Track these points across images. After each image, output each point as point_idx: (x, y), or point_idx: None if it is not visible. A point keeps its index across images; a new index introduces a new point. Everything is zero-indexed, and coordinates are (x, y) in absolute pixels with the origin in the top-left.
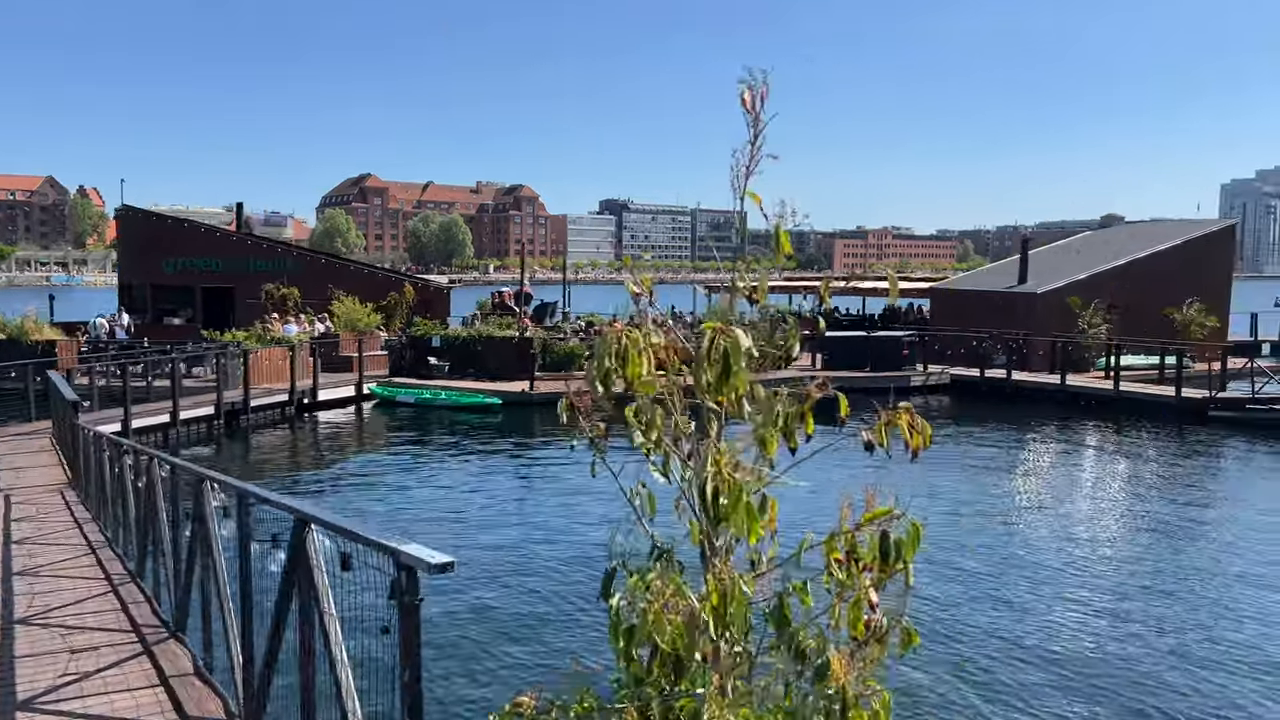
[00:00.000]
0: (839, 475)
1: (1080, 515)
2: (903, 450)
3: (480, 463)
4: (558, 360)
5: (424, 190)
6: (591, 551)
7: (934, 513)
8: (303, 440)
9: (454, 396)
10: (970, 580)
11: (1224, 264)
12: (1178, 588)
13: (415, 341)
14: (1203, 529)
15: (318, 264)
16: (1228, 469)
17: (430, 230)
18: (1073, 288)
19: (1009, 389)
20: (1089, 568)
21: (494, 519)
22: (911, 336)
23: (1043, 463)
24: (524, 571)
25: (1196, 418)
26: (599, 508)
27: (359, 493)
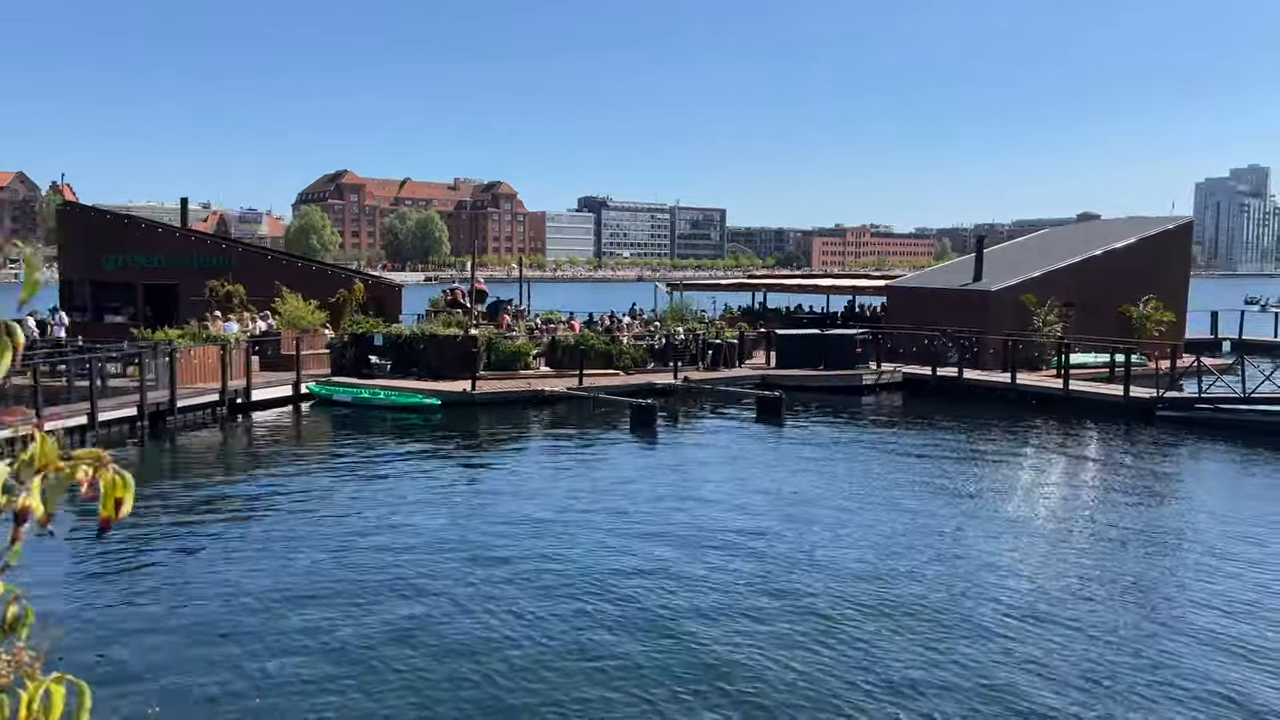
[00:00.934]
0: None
1: (1002, 515)
2: (840, 446)
3: (399, 465)
4: (503, 359)
5: (401, 187)
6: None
7: (853, 508)
8: (227, 441)
9: (392, 396)
10: (884, 578)
11: (1181, 261)
12: (1100, 591)
13: (357, 340)
14: (1130, 530)
15: (263, 260)
16: (1167, 469)
17: (407, 227)
18: (1027, 285)
19: (960, 387)
20: (1006, 568)
21: (359, 533)
22: (864, 335)
23: (979, 463)
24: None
25: (1144, 417)
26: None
27: (266, 496)
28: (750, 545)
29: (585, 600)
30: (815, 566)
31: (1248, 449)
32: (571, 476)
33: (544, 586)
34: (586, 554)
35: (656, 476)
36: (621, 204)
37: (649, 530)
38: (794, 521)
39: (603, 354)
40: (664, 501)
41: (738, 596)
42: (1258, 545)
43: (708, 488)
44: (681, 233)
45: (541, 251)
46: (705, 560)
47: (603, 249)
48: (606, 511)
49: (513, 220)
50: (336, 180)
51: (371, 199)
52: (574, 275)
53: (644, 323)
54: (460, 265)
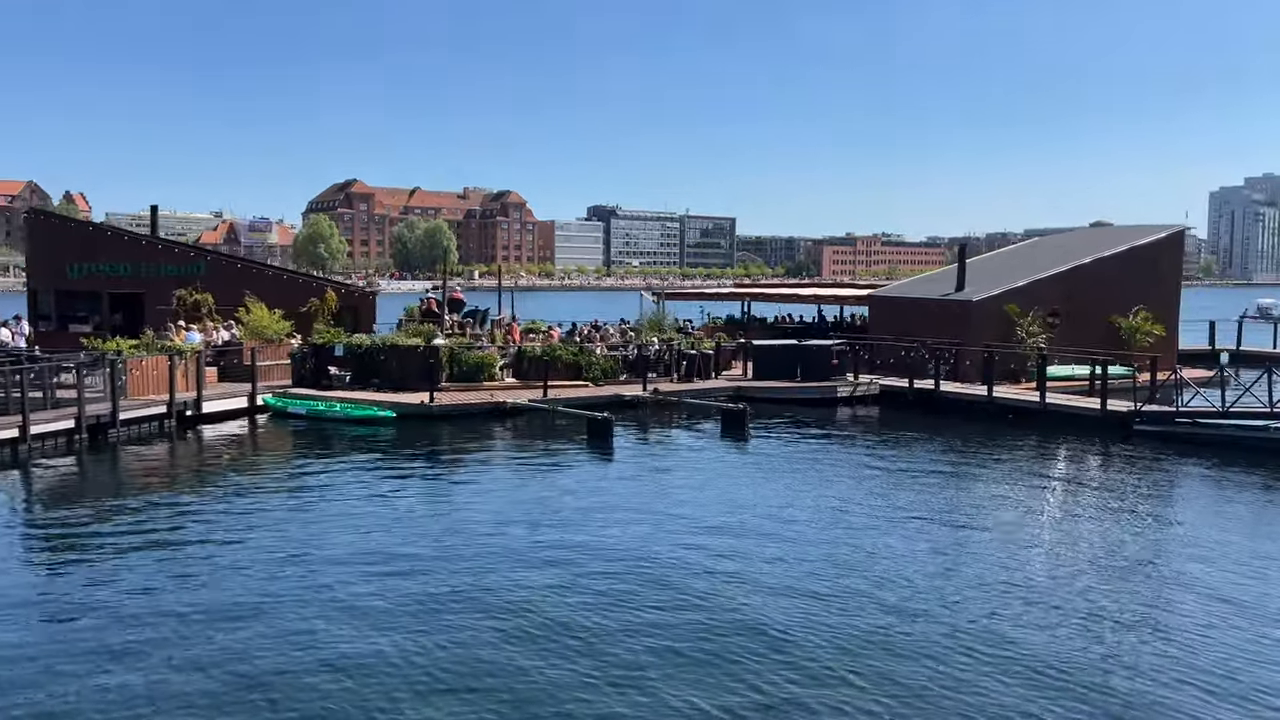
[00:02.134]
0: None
1: (950, 536)
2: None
3: (335, 480)
4: (467, 370)
5: (410, 196)
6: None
7: (798, 526)
8: (169, 455)
9: (346, 409)
10: (826, 597)
11: (1173, 270)
12: (1046, 619)
13: (318, 350)
14: (1085, 555)
15: (232, 268)
16: (1135, 488)
17: (415, 236)
18: (1010, 295)
19: (937, 400)
20: (948, 594)
21: (276, 550)
22: (841, 346)
23: (939, 480)
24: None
25: (1122, 432)
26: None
27: (194, 512)
28: (675, 562)
29: (469, 622)
30: (746, 585)
31: (1224, 466)
32: (509, 491)
33: (420, 609)
34: (483, 573)
35: (599, 492)
36: (631, 213)
37: (560, 549)
38: (729, 537)
39: (571, 365)
40: (594, 518)
41: (637, 618)
42: (1219, 571)
43: (651, 503)
44: (691, 241)
45: (551, 260)
46: (626, 584)
47: (612, 258)
48: (528, 525)
49: (522, 229)
50: (346, 189)
51: (381, 208)
52: (581, 284)
53: (621, 333)
54: (468, 274)
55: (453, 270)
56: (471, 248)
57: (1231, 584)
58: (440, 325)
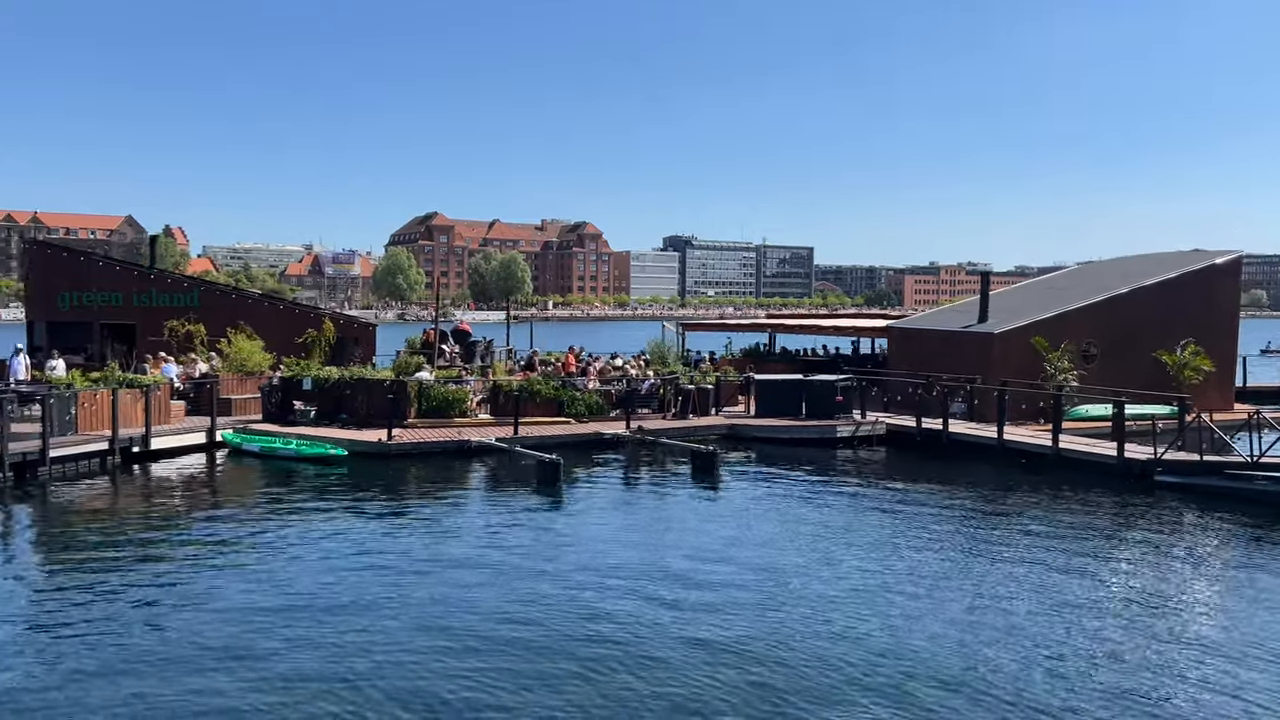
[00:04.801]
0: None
1: (902, 615)
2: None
3: (254, 526)
4: (438, 405)
5: (490, 228)
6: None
7: (729, 591)
8: (96, 497)
9: (300, 446)
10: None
11: (1229, 300)
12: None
13: (286, 383)
14: (1070, 644)
15: (227, 299)
16: (1142, 557)
17: (490, 267)
18: (1037, 327)
19: (945, 442)
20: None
21: (161, 601)
22: (846, 381)
23: (914, 543)
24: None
25: (1141, 482)
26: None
27: (95, 559)
28: (543, 627)
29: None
30: (624, 657)
31: (1251, 527)
32: (412, 539)
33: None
34: (316, 646)
35: (506, 544)
36: (707, 243)
37: (414, 605)
38: (626, 600)
39: (551, 400)
40: (480, 572)
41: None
42: (1228, 670)
43: (556, 558)
44: (768, 271)
45: (626, 291)
46: (465, 650)
47: (687, 288)
48: (396, 576)
49: (598, 260)
50: (427, 222)
51: (460, 240)
52: (654, 314)
53: (631, 366)
54: (542, 305)
55: (527, 301)
56: (548, 279)
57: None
58: (436, 358)
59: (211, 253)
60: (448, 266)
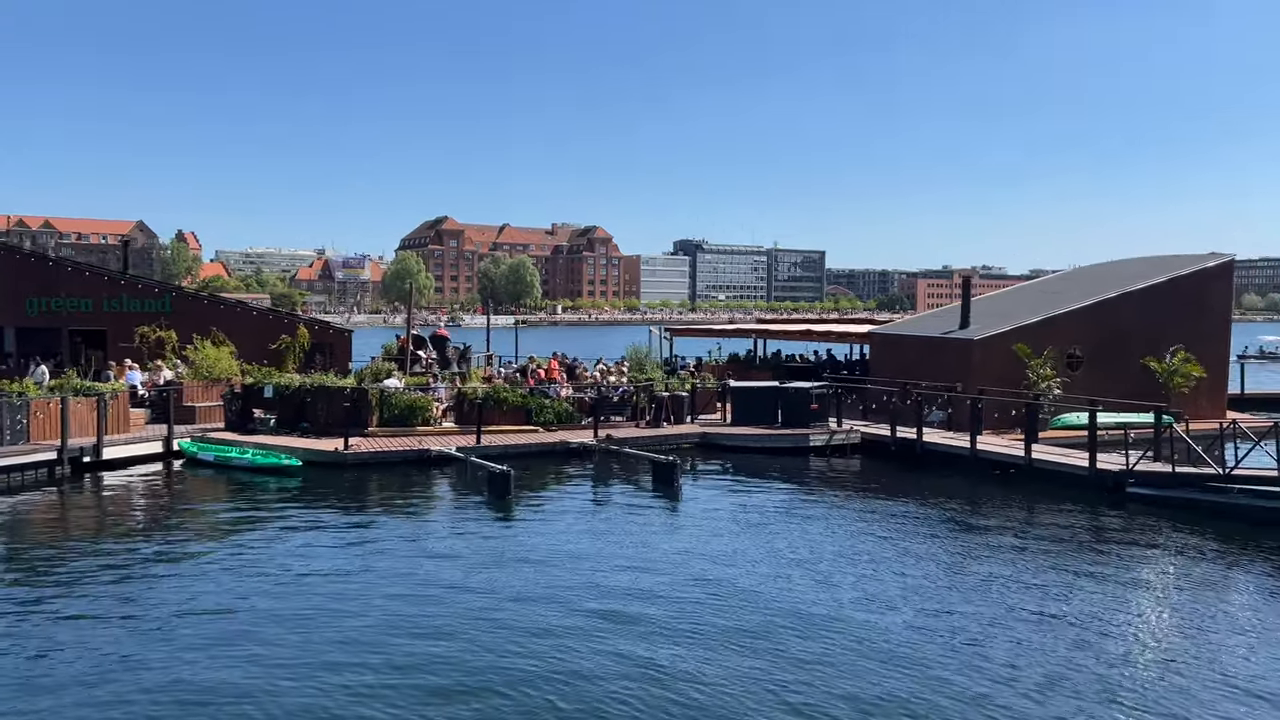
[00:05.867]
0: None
1: (844, 641)
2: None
3: (182, 540)
4: (398, 414)
5: (500, 233)
6: None
7: (664, 604)
8: (34, 509)
9: (255, 456)
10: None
11: (1222, 305)
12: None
13: (247, 391)
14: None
15: (200, 305)
16: (1104, 575)
17: (500, 272)
18: (1019, 333)
19: (919, 452)
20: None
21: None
22: (821, 389)
23: (870, 556)
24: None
25: (1114, 494)
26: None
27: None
28: (451, 641)
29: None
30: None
31: (1217, 543)
32: (355, 553)
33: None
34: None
35: (448, 558)
36: (717, 247)
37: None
38: (557, 616)
39: (519, 408)
40: (403, 582)
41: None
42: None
43: (493, 573)
44: (780, 275)
45: (636, 295)
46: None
47: (698, 292)
48: (324, 598)
49: (607, 264)
50: (437, 226)
51: (470, 244)
52: (663, 318)
53: (601, 373)
54: (551, 309)
55: (536, 305)
56: (558, 283)
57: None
58: (411, 364)
59: (224, 257)
60: (457, 271)
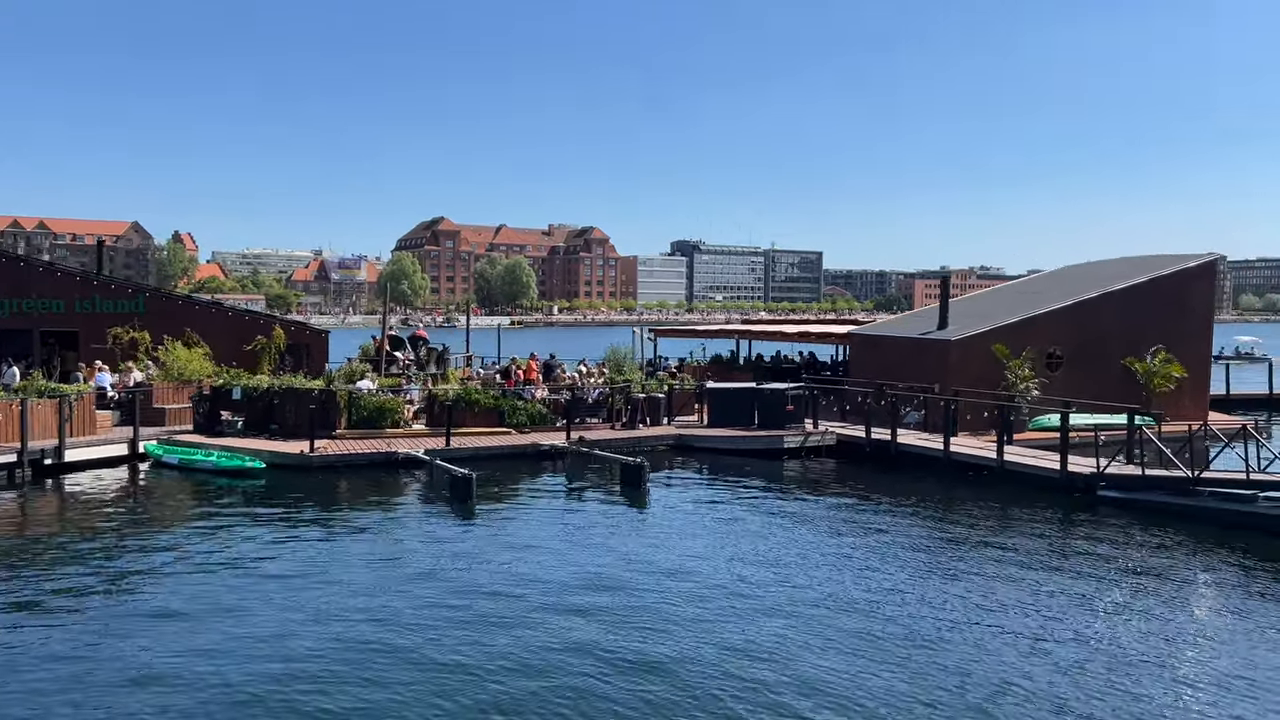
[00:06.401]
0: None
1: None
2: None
3: (134, 545)
4: (368, 416)
5: (496, 234)
6: None
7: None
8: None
9: (220, 459)
10: None
11: (1204, 305)
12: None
13: (216, 392)
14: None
15: (174, 305)
16: (1065, 585)
17: (496, 272)
18: (998, 334)
19: (894, 454)
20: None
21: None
22: (797, 390)
23: (836, 561)
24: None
25: (1085, 497)
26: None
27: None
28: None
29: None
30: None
31: (1186, 548)
32: (303, 559)
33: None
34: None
35: (395, 561)
36: (714, 248)
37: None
38: (492, 625)
39: (491, 410)
40: (347, 584)
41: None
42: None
43: (437, 577)
44: (777, 276)
45: (633, 296)
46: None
47: (695, 293)
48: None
49: (604, 265)
50: (433, 227)
51: (466, 245)
52: (660, 319)
53: (580, 374)
54: (547, 310)
55: (532, 305)
56: (555, 284)
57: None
58: (387, 365)
59: (221, 258)
60: (454, 271)
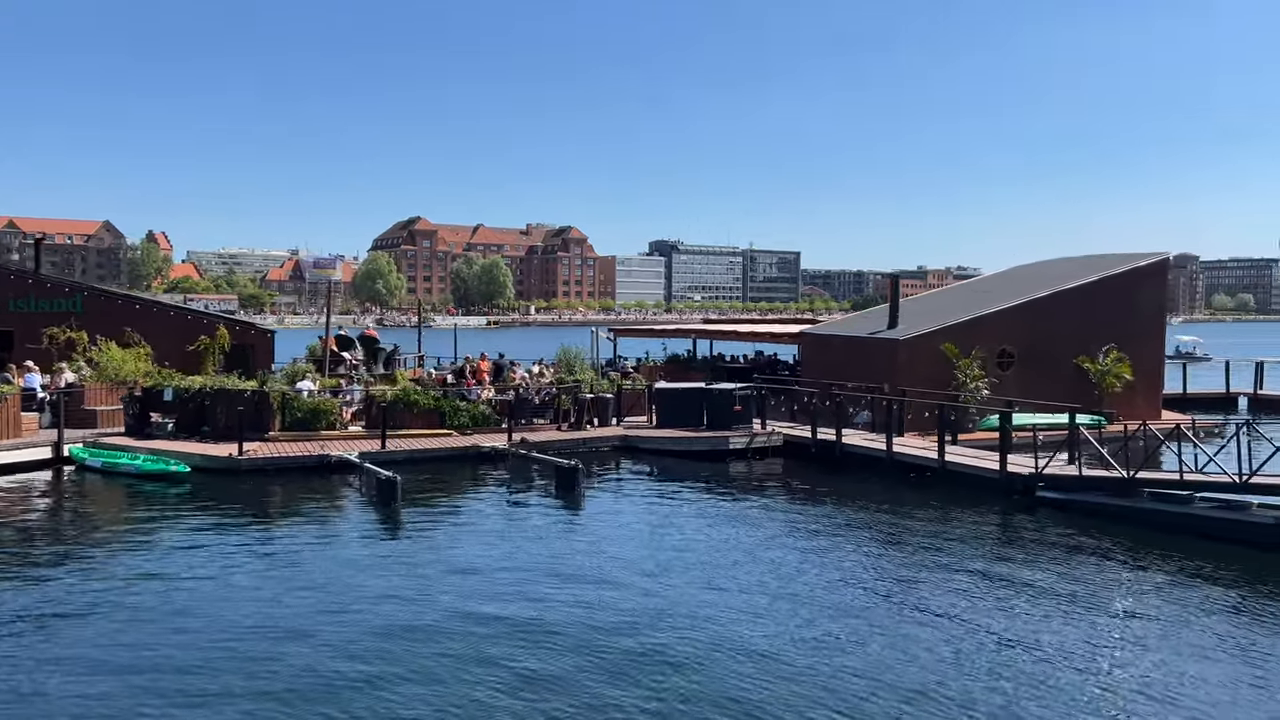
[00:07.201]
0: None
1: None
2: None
3: (38, 553)
4: (302, 417)
5: (474, 233)
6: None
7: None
8: None
9: (144, 463)
10: None
11: (1155, 304)
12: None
13: (147, 393)
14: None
15: (113, 304)
16: (999, 595)
17: (472, 272)
18: (947, 333)
19: (838, 454)
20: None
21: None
22: (745, 390)
23: (761, 567)
24: None
25: (1025, 498)
26: None
27: None
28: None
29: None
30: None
31: (1118, 550)
32: (212, 564)
33: None
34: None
35: (299, 569)
36: (693, 247)
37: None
38: (388, 634)
39: (432, 411)
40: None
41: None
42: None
43: (333, 586)
44: (756, 276)
45: (611, 296)
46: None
47: (674, 292)
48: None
49: (583, 264)
50: (409, 227)
51: (444, 245)
52: (639, 319)
53: (531, 374)
54: (524, 310)
55: (509, 305)
56: (533, 283)
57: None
58: (334, 366)
59: (196, 257)
60: (430, 271)
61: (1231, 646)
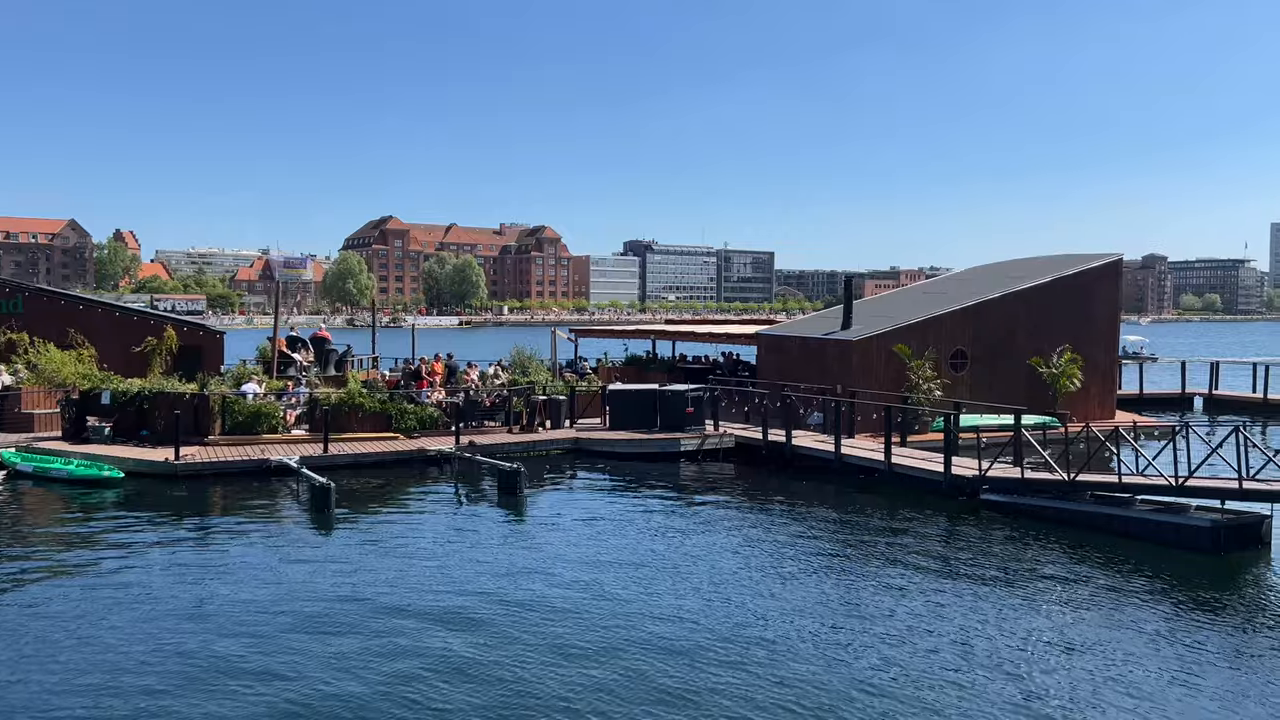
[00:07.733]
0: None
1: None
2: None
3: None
4: (243, 421)
5: (446, 233)
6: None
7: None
8: None
9: (77, 468)
10: None
11: (1108, 305)
12: None
13: (84, 397)
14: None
15: (57, 305)
16: (923, 587)
17: (445, 272)
18: (900, 334)
19: (788, 456)
20: None
21: None
22: (697, 392)
23: (697, 577)
24: None
25: (969, 501)
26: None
27: None
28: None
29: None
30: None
31: (1059, 556)
32: (129, 570)
33: None
34: None
35: (221, 577)
36: (667, 247)
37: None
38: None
39: (378, 414)
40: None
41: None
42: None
43: (255, 595)
44: (731, 276)
45: (586, 296)
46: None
47: (648, 293)
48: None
49: (556, 264)
50: (381, 226)
51: (416, 244)
52: (612, 319)
53: (483, 376)
54: (497, 310)
55: (482, 305)
56: (507, 283)
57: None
58: (282, 367)
59: (165, 257)
60: (402, 271)
61: (1164, 651)
